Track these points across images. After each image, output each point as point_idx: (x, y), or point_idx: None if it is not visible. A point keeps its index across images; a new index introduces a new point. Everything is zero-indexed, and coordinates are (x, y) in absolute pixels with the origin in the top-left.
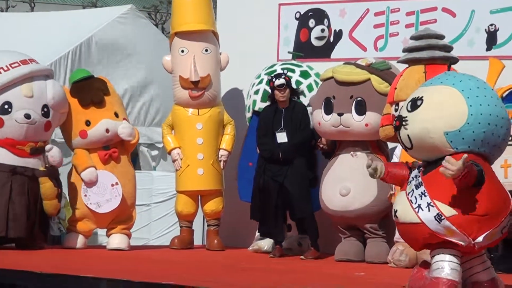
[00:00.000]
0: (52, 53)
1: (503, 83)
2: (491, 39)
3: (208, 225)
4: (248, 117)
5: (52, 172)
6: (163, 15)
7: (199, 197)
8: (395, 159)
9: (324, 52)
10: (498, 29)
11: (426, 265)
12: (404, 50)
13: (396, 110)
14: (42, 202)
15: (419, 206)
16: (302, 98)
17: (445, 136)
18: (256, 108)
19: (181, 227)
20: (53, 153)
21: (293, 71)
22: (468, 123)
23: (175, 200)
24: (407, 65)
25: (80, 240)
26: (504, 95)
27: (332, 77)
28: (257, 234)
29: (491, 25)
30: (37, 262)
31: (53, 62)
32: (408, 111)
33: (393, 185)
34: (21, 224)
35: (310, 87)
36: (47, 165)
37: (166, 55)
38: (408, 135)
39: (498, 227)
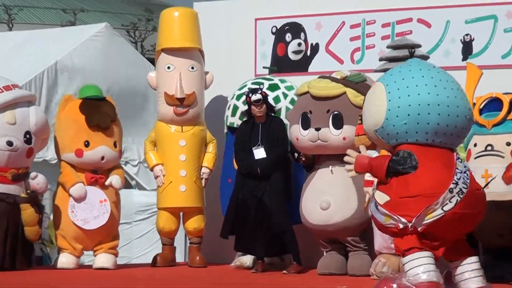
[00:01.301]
0: (26, 72)
1: (480, 93)
2: (467, 49)
3: (190, 242)
4: (225, 133)
5: (34, 198)
6: (142, 33)
7: (181, 214)
8: None
9: (302, 65)
10: (473, 39)
11: (390, 278)
12: (381, 59)
13: None
14: (23, 228)
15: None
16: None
17: (375, 133)
18: (228, 123)
19: (163, 244)
20: (39, 180)
21: (261, 84)
22: (387, 119)
23: (156, 217)
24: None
25: (71, 260)
26: (482, 105)
27: (308, 92)
28: None
29: (467, 35)
30: (19, 283)
31: (27, 82)
32: None
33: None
34: (1, 252)
35: (277, 99)
36: (28, 191)
37: (151, 72)
38: None
39: (433, 205)
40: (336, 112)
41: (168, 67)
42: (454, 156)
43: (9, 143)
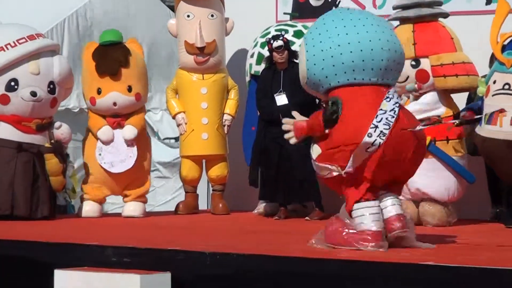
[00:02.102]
0: (46, 21)
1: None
2: None
3: (213, 190)
4: (247, 81)
5: (58, 148)
6: None
7: (204, 162)
8: None
9: (323, 11)
10: None
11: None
12: (394, 8)
13: None
14: (49, 178)
15: None
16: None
17: (307, 86)
18: (253, 72)
19: (186, 192)
20: (63, 130)
21: (286, 31)
22: (308, 69)
23: (179, 165)
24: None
25: (95, 209)
26: (506, 42)
27: None
28: None
29: None
30: (45, 233)
31: (49, 30)
32: None
33: None
34: (25, 202)
35: None
36: (52, 141)
37: (171, 19)
38: None
39: (357, 150)
40: None
41: (188, 16)
42: (383, 93)
43: (33, 94)
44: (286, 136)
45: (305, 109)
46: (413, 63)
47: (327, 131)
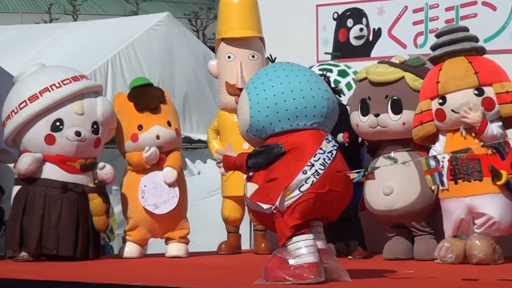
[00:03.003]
0: (90, 62)
1: None
2: None
3: (255, 230)
4: None
5: (101, 188)
6: (203, 21)
7: None
8: (434, 153)
9: (364, 51)
10: None
11: (280, 253)
12: (436, 47)
13: (441, 104)
14: (92, 218)
15: None
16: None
17: (248, 134)
18: None
19: (228, 232)
20: (107, 170)
21: (330, 71)
22: (251, 116)
23: (219, 203)
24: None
25: (136, 249)
26: None
27: (366, 78)
28: None
29: None
30: (88, 273)
31: (93, 70)
32: None
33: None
34: (71, 242)
35: (349, 86)
36: (96, 181)
37: (212, 60)
38: None
39: (290, 186)
40: (394, 97)
41: (229, 57)
42: (323, 136)
43: (78, 133)
44: (218, 166)
45: (348, 147)
46: (476, 92)
47: (250, 173)
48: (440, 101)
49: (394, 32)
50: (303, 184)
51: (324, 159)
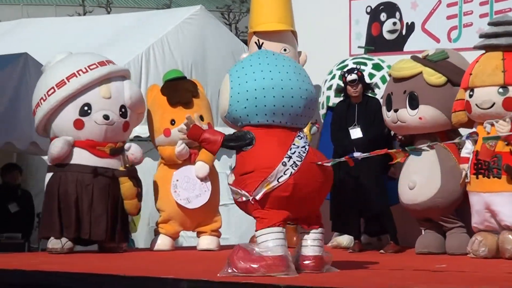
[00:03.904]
0: (123, 55)
1: None
2: None
3: (287, 223)
4: (322, 114)
5: (131, 172)
6: (236, 15)
7: None
8: (467, 147)
9: (397, 45)
10: None
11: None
12: (481, 36)
13: (470, 96)
14: (123, 202)
15: None
16: (376, 90)
17: (225, 119)
18: (330, 104)
19: None
20: (133, 150)
21: (365, 64)
22: (230, 105)
23: None
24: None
25: (168, 242)
26: None
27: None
28: None
29: None
30: (120, 265)
31: (126, 63)
32: None
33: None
34: (103, 226)
35: (383, 79)
36: (126, 165)
37: (244, 53)
38: None
39: (269, 177)
40: (411, 92)
41: None
42: (294, 134)
43: (106, 117)
44: (181, 128)
45: (380, 142)
46: (501, 90)
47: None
48: (470, 93)
49: (427, 27)
50: (282, 175)
51: (299, 152)
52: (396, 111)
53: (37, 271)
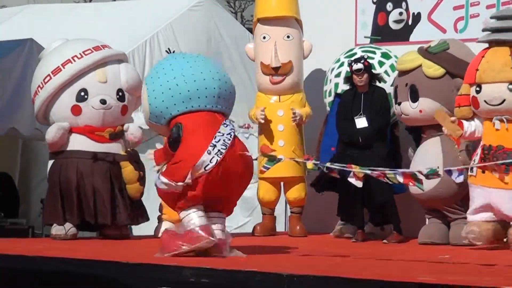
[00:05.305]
0: (128, 42)
1: None
2: None
3: (290, 212)
4: (329, 102)
5: (132, 156)
6: (241, 3)
7: (282, 184)
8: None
9: (403, 35)
10: None
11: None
12: (485, 30)
13: (477, 91)
14: (125, 187)
15: None
16: (386, 78)
17: (151, 122)
18: (339, 91)
19: (263, 214)
20: (132, 130)
21: (374, 52)
22: (150, 104)
23: (255, 187)
24: (486, 45)
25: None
26: None
27: None
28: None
29: None
30: (124, 252)
31: (131, 51)
32: None
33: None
34: (107, 211)
35: (392, 67)
36: (128, 150)
37: (249, 43)
38: None
39: (196, 166)
40: (411, 85)
41: (264, 37)
42: (221, 120)
43: (103, 101)
44: (149, 156)
45: (385, 133)
46: (511, 86)
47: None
48: (477, 89)
49: (434, 17)
50: (208, 164)
51: (224, 140)
52: (399, 104)
53: (41, 257)
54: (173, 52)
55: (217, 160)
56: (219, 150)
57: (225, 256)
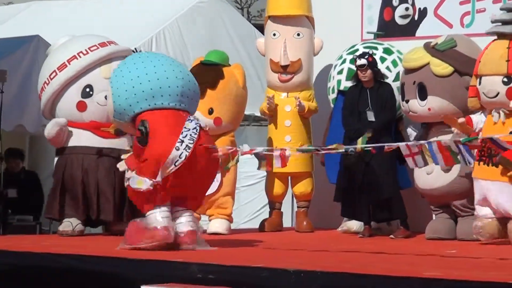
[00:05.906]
0: (134, 38)
1: None
2: None
3: (297, 207)
4: (332, 98)
5: None
6: None
7: (289, 179)
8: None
9: (409, 30)
10: None
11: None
12: (494, 21)
13: (479, 83)
14: None
15: None
16: (388, 73)
17: (115, 120)
18: (341, 88)
19: (270, 209)
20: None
21: (376, 48)
22: (114, 102)
23: (264, 182)
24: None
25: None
26: None
27: None
28: None
29: None
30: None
31: (137, 47)
32: None
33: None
34: (111, 207)
35: (394, 63)
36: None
37: (260, 38)
38: None
39: (166, 163)
40: (420, 83)
41: (274, 34)
42: (184, 116)
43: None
44: (126, 175)
45: (388, 127)
46: (505, 79)
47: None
48: (479, 80)
49: (440, 12)
50: (178, 159)
51: (191, 135)
52: (407, 102)
53: (48, 253)
54: (140, 51)
55: (186, 155)
56: (187, 145)
57: (194, 249)
